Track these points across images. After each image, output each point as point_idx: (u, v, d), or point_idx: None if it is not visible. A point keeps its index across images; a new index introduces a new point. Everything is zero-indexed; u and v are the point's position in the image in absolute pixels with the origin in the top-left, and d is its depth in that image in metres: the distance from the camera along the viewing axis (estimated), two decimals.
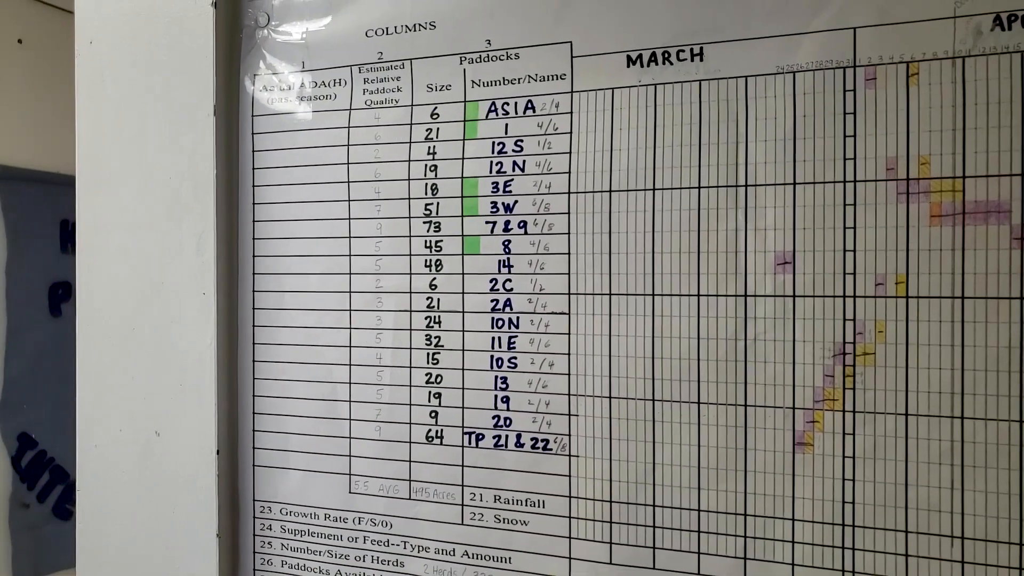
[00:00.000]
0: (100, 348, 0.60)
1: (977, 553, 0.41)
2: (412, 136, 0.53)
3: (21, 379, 1.73)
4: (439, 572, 0.52)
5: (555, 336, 0.50)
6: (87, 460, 0.60)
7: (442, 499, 0.52)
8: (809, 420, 0.44)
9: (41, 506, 1.78)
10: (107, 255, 0.60)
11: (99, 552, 0.60)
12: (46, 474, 1.79)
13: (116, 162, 0.60)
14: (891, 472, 0.43)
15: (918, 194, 0.42)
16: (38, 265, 1.77)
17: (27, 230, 1.75)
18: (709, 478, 0.46)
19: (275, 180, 0.57)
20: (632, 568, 0.48)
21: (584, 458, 0.49)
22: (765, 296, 0.45)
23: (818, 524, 0.44)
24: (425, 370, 0.53)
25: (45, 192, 1.77)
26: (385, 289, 0.54)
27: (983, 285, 0.41)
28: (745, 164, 0.45)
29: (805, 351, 0.44)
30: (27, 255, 1.74)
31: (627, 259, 0.48)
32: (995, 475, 0.41)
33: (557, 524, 0.49)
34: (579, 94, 0.49)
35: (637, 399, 0.48)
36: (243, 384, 0.57)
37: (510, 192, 0.50)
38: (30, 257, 1.75)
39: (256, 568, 0.57)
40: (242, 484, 0.57)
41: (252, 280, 0.57)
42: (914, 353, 0.42)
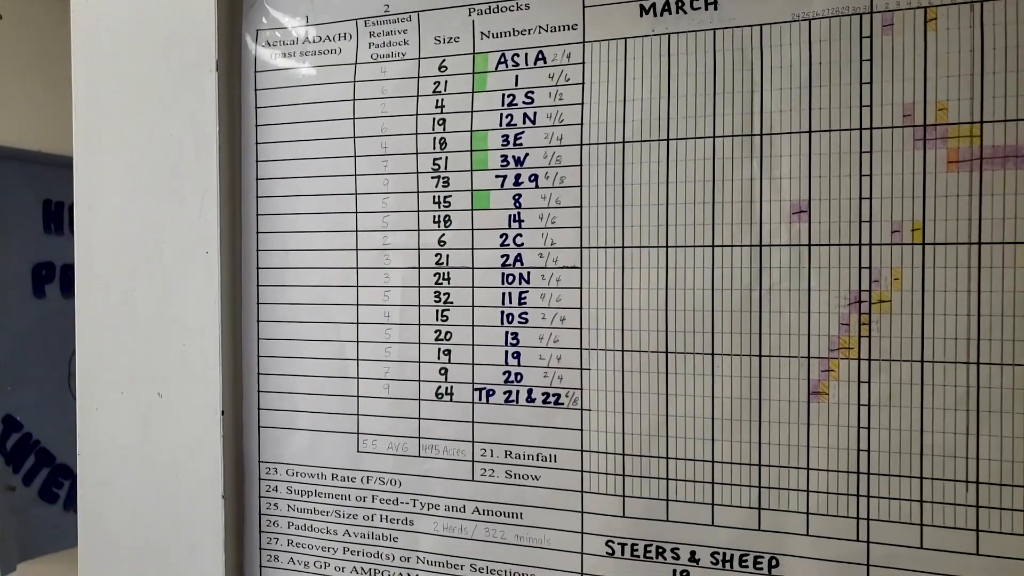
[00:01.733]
0: (100, 310, 0.59)
1: (992, 497, 0.41)
2: (420, 90, 0.52)
3: (5, 361, 1.71)
4: (449, 529, 0.52)
5: (566, 290, 0.49)
6: (88, 424, 0.59)
7: (452, 456, 0.52)
8: (824, 369, 0.44)
9: (27, 489, 1.76)
10: (106, 216, 0.59)
11: (102, 517, 0.59)
12: (31, 457, 1.78)
13: (115, 121, 0.59)
14: (906, 419, 0.43)
15: (935, 140, 0.42)
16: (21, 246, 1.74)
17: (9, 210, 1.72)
18: (723, 429, 0.46)
19: (279, 137, 0.56)
20: (645, 521, 0.47)
21: (596, 412, 0.49)
22: (780, 245, 0.45)
23: (833, 473, 0.44)
24: (434, 327, 0.52)
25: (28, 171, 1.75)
26: (393, 246, 0.53)
27: (1000, 231, 0.41)
28: (760, 113, 0.45)
29: (820, 300, 0.44)
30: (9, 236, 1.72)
31: (640, 211, 0.47)
32: (1011, 419, 0.41)
33: (569, 478, 0.49)
34: (591, 44, 0.48)
35: (650, 352, 0.47)
36: (247, 344, 0.57)
37: (520, 145, 0.50)
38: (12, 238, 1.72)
39: (262, 530, 0.57)
40: (247, 445, 0.57)
41: (256, 239, 0.56)
42: (930, 300, 0.42)
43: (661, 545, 0.47)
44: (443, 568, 0.52)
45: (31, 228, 1.78)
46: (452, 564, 0.52)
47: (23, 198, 1.75)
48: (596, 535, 0.49)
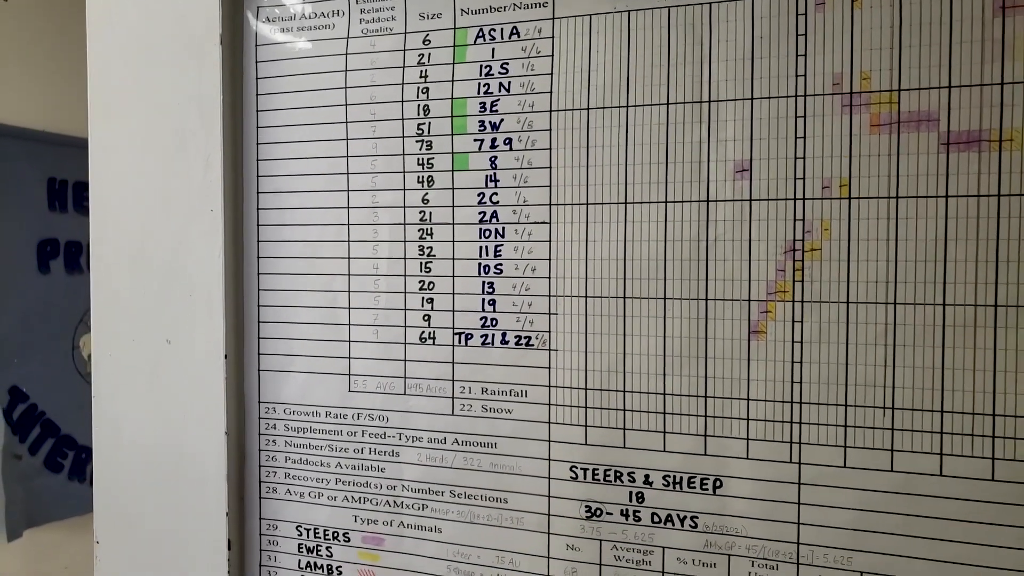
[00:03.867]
0: (113, 264, 0.64)
1: (905, 421, 0.47)
2: (405, 61, 0.57)
3: (11, 334, 1.76)
4: (431, 459, 0.57)
5: (537, 243, 0.55)
6: (103, 369, 0.65)
7: (434, 393, 0.57)
8: (763, 310, 0.50)
9: (33, 458, 1.82)
10: (118, 177, 0.64)
11: (116, 453, 0.64)
12: (37, 427, 1.83)
13: (127, 89, 0.64)
14: (834, 354, 0.48)
15: (860, 106, 0.48)
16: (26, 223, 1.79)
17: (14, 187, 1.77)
18: (673, 365, 0.51)
19: (277, 105, 0.61)
20: (605, 448, 0.53)
21: (562, 352, 0.54)
22: (725, 201, 0.50)
23: (769, 403, 0.50)
24: (418, 278, 0.58)
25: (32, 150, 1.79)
26: (381, 204, 0.58)
27: (915, 186, 0.47)
28: (709, 82, 0.50)
29: (760, 249, 0.50)
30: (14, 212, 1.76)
31: (602, 171, 0.53)
32: (922, 352, 0.47)
33: (538, 411, 0.55)
34: (559, 20, 0.53)
35: (610, 297, 0.53)
36: (248, 294, 0.62)
37: (496, 112, 0.55)
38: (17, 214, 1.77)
39: (262, 464, 0.62)
40: (248, 387, 0.62)
41: (256, 199, 0.62)
42: (855, 248, 0.48)
43: (619, 469, 0.53)
44: (425, 495, 0.58)
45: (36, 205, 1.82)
46: (433, 491, 0.58)
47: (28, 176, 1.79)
48: (561, 461, 0.54)
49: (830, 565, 0.49)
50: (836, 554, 0.49)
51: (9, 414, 1.76)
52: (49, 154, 1.82)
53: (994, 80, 0.45)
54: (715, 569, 0.51)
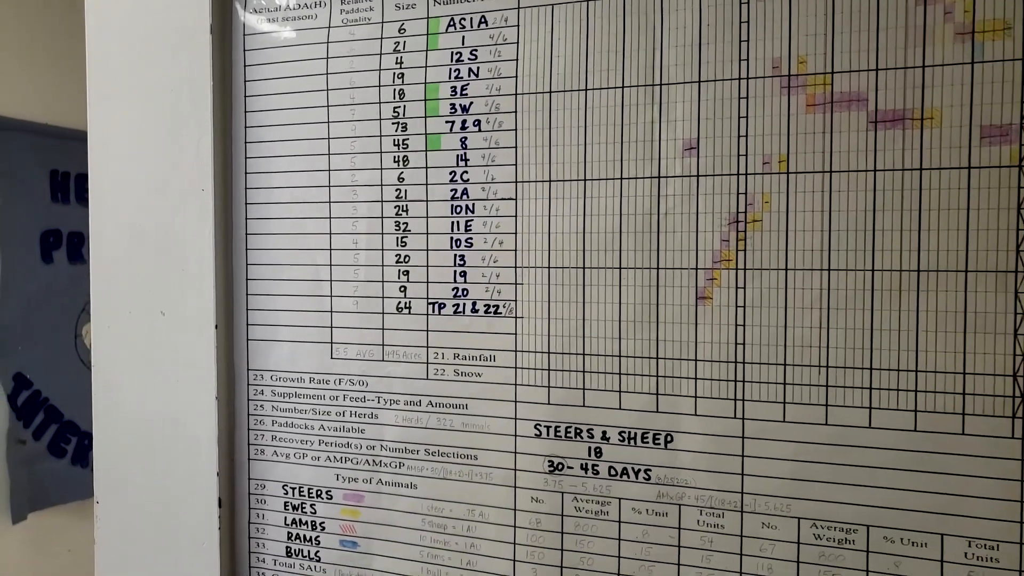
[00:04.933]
0: (111, 242, 0.68)
1: (839, 378, 0.51)
2: (383, 49, 0.61)
3: (15, 322, 1.81)
4: (407, 420, 0.62)
5: (504, 218, 0.59)
6: (101, 340, 0.69)
7: (410, 359, 0.62)
8: (709, 278, 0.54)
9: (37, 443, 1.87)
10: (116, 160, 0.68)
11: (114, 418, 0.68)
12: (41, 413, 1.88)
13: (123, 78, 0.68)
14: (774, 317, 0.52)
15: (797, 88, 0.51)
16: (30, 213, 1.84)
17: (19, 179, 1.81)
18: (628, 330, 0.56)
19: (264, 91, 0.65)
20: (566, 407, 0.57)
21: (527, 319, 0.58)
22: (674, 177, 0.54)
23: (716, 363, 0.54)
24: (395, 251, 0.62)
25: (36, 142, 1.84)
26: (360, 183, 0.62)
27: (846, 161, 0.51)
28: (660, 67, 0.54)
29: (706, 221, 0.54)
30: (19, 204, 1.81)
31: (564, 150, 0.57)
32: (854, 315, 0.51)
33: (505, 374, 0.59)
34: (524, 10, 0.57)
35: (571, 267, 0.57)
36: (237, 268, 0.66)
37: (466, 95, 0.59)
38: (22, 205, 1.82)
39: (250, 428, 0.67)
40: (237, 355, 0.66)
41: (245, 178, 0.66)
42: (792, 219, 0.52)
43: (579, 426, 0.57)
44: (402, 453, 0.62)
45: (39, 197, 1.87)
46: (409, 450, 0.62)
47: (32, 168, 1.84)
48: (527, 420, 0.58)
49: (771, 512, 0.53)
50: (776, 502, 0.53)
51: (13, 400, 1.81)
52: (52, 147, 1.86)
53: (916, 63, 0.49)
54: (667, 518, 0.55)
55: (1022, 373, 0.48)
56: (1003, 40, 0.47)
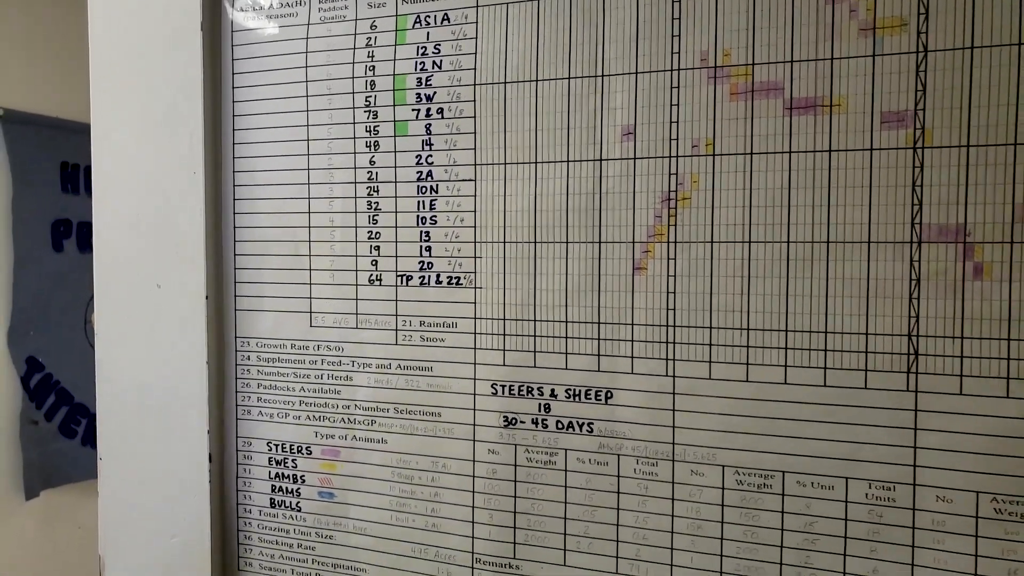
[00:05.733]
0: (113, 222, 0.75)
1: (758, 339, 0.57)
2: (356, 43, 0.67)
3: (28, 308, 1.89)
4: (379, 382, 0.68)
5: (464, 198, 0.65)
6: (104, 310, 0.75)
7: (381, 327, 0.68)
8: (644, 251, 0.60)
9: (48, 424, 1.95)
10: (118, 148, 0.75)
11: (115, 382, 0.75)
12: (52, 395, 1.96)
13: (123, 73, 0.74)
14: (701, 285, 0.58)
15: (722, 78, 0.57)
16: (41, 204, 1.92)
17: (30, 171, 1.89)
18: (573, 298, 0.61)
19: (250, 83, 0.71)
20: (519, 367, 0.63)
21: (485, 289, 0.64)
22: (614, 159, 0.60)
23: (650, 327, 0.60)
24: (367, 228, 0.68)
25: (47, 136, 1.91)
26: (336, 165, 0.68)
27: (765, 143, 0.56)
28: (602, 59, 0.60)
29: (641, 199, 0.59)
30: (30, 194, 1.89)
31: (517, 136, 0.63)
32: (772, 283, 0.56)
33: (466, 339, 0.65)
34: (482, 8, 0.63)
35: (523, 242, 0.63)
36: (226, 244, 0.72)
37: (431, 86, 0.65)
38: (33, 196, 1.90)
39: (238, 390, 0.73)
40: (226, 324, 0.73)
41: (233, 163, 0.72)
42: (718, 196, 0.58)
43: (530, 385, 0.63)
44: (374, 412, 0.68)
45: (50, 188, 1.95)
46: (380, 408, 0.68)
47: (43, 160, 1.92)
48: (484, 380, 0.64)
49: (699, 460, 0.59)
50: (704, 451, 0.59)
51: (26, 382, 1.89)
52: (62, 139, 1.94)
53: (826, 56, 0.55)
54: (607, 467, 0.61)
55: (915, 333, 0.53)
56: (900, 35, 0.53)
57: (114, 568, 0.76)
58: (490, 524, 0.64)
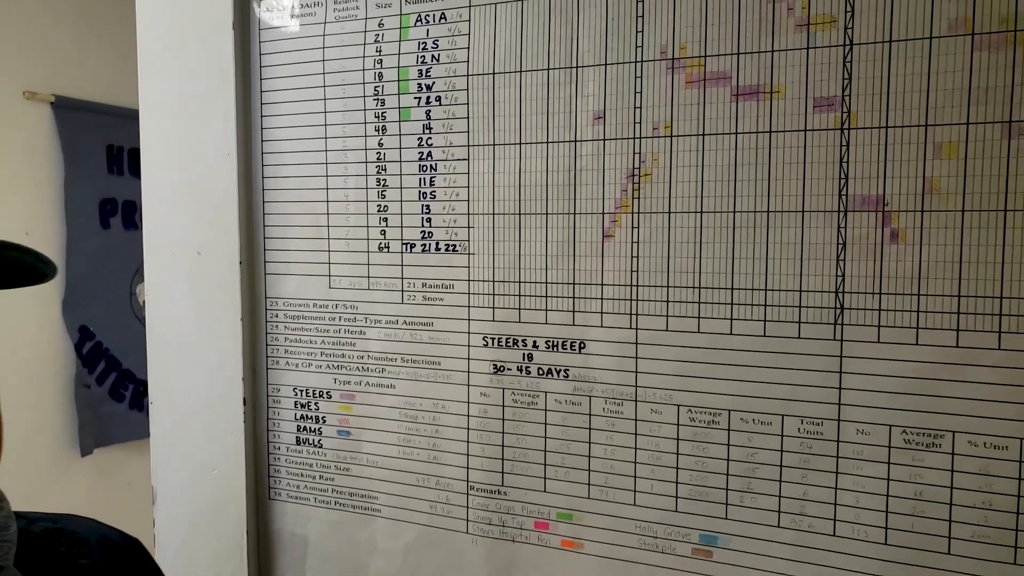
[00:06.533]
0: (159, 198, 0.86)
1: (708, 296, 0.66)
2: (366, 40, 0.77)
3: (79, 280, 2.03)
4: (388, 336, 0.78)
5: (459, 175, 0.74)
6: (152, 274, 0.87)
7: (389, 288, 0.78)
8: (612, 220, 0.69)
9: (100, 388, 2.10)
10: (161, 132, 0.85)
11: (162, 336, 0.87)
12: (103, 362, 2.11)
13: (166, 63, 0.85)
14: (660, 250, 0.67)
15: (679, 68, 0.66)
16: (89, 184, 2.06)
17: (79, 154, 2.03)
18: (552, 262, 0.71)
19: (275, 74, 0.81)
20: (506, 323, 0.73)
21: (477, 255, 0.74)
22: (587, 140, 0.69)
23: (617, 286, 0.69)
24: (376, 203, 0.78)
25: (93, 120, 2.04)
26: (349, 147, 0.78)
27: (715, 126, 0.65)
28: (576, 53, 0.69)
29: (609, 176, 0.68)
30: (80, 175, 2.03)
31: (504, 120, 0.72)
32: (719, 247, 0.65)
33: (461, 299, 0.75)
34: (475, 7, 0.72)
35: (510, 214, 0.72)
36: (256, 216, 0.83)
37: (430, 76, 0.74)
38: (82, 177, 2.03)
39: (268, 343, 0.84)
40: (257, 286, 0.84)
41: (261, 145, 0.82)
42: (676, 173, 0.66)
43: (515, 337, 0.73)
44: (384, 361, 0.79)
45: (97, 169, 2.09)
46: (388, 357, 0.78)
47: (90, 143, 2.05)
48: (477, 333, 0.74)
49: (658, 401, 0.68)
50: (662, 393, 0.68)
51: (79, 349, 2.04)
52: (108, 124, 2.07)
53: (767, 48, 0.63)
54: (580, 407, 0.71)
55: (842, 290, 0.62)
56: (830, 30, 0.61)
57: (164, 498, 0.89)
58: (482, 456, 0.75)
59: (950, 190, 0.58)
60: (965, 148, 0.58)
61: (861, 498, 0.62)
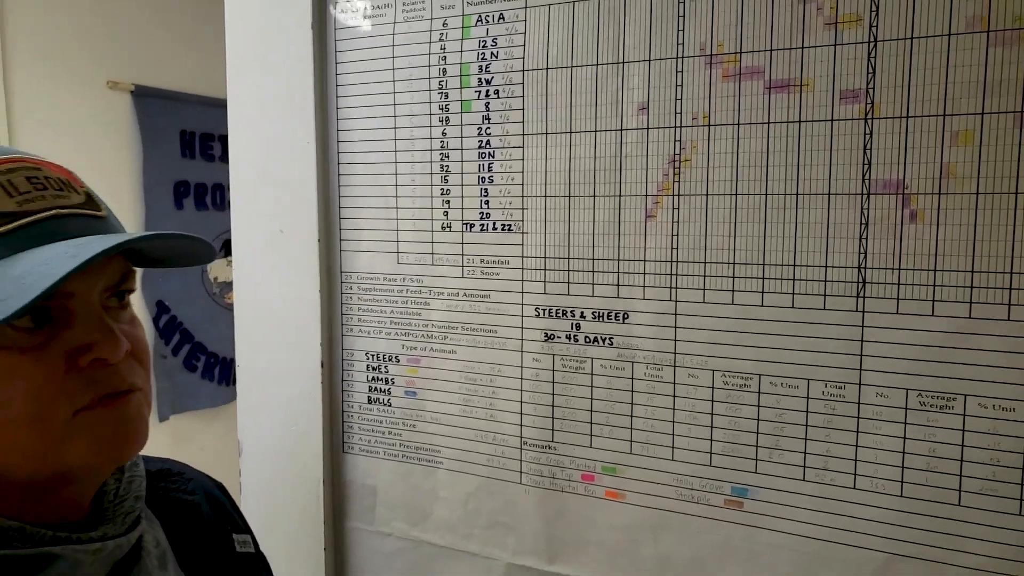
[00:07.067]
0: (246, 180, 0.96)
1: (741, 271, 0.72)
2: (431, 38, 0.85)
3: None
4: (450, 307, 0.87)
5: (515, 161, 0.82)
6: (239, 249, 0.97)
7: (452, 263, 0.86)
8: (654, 202, 0.76)
9: (175, 359, 2.26)
10: (247, 121, 0.95)
11: (250, 306, 0.97)
12: (177, 334, 2.26)
13: (251, 60, 0.94)
14: (698, 228, 0.74)
15: (716, 64, 0.72)
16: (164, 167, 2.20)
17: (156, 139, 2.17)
18: (599, 240, 0.78)
19: (349, 70, 0.90)
20: (556, 295, 0.81)
21: (531, 234, 0.82)
22: (632, 129, 0.76)
23: (658, 262, 0.76)
24: (440, 187, 0.86)
25: (169, 107, 2.18)
26: (415, 136, 0.87)
27: (749, 116, 0.71)
28: (623, 49, 0.76)
29: (652, 161, 0.75)
30: (156, 158, 2.17)
31: (556, 111, 0.79)
32: (752, 226, 0.72)
33: (515, 273, 0.83)
34: (530, 8, 0.80)
35: (560, 196, 0.80)
36: (333, 198, 0.92)
37: (489, 72, 0.82)
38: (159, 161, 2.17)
39: (343, 313, 0.94)
40: (333, 261, 0.93)
41: (337, 134, 0.91)
42: (713, 159, 0.73)
43: (565, 308, 0.81)
44: (446, 330, 0.87)
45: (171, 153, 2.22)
46: (450, 326, 0.87)
47: (165, 129, 2.19)
48: (529, 305, 0.82)
49: (694, 366, 0.75)
50: (698, 359, 0.75)
51: (156, 322, 2.20)
52: (182, 110, 2.20)
53: (797, 45, 0.69)
54: (623, 371, 0.78)
55: (864, 266, 0.68)
56: (856, 28, 0.67)
57: (249, 451, 0.99)
58: (534, 415, 0.83)
59: (965, 174, 0.64)
60: (980, 136, 0.63)
61: (879, 455, 0.68)
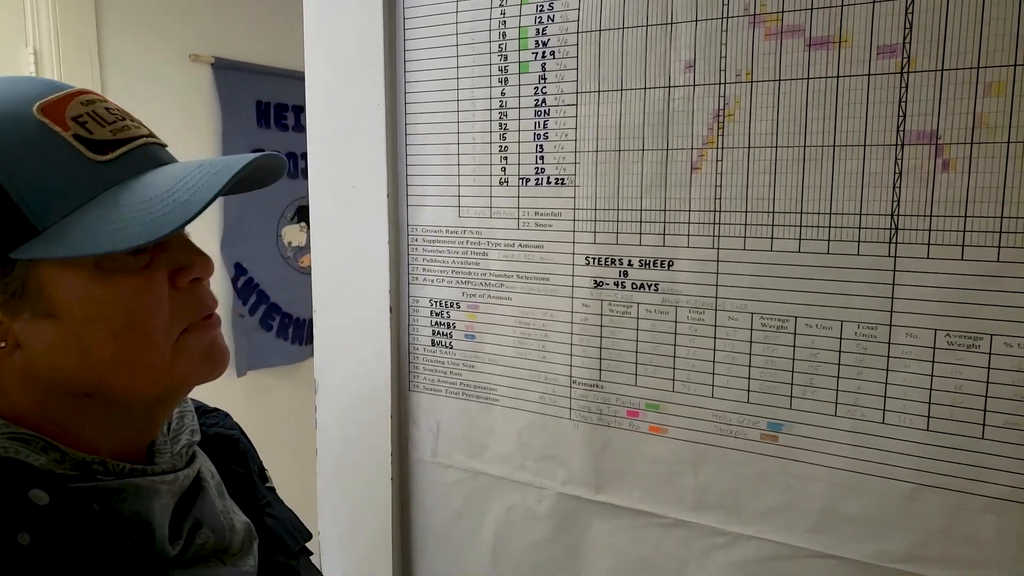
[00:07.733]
0: (322, 142, 1.04)
1: (780, 219, 0.77)
2: (492, 4, 0.91)
3: (234, 222, 2.32)
4: (506, 257, 0.94)
5: (568, 118, 0.88)
6: (317, 208, 1.06)
7: (508, 216, 0.93)
8: (700, 155, 0.80)
9: (251, 318, 2.40)
10: (323, 89, 1.03)
11: (325, 255, 1.06)
12: (254, 295, 2.41)
13: (327, 33, 1.02)
14: (740, 179, 0.79)
15: (759, 23, 0.76)
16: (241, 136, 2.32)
17: (234, 109, 2.29)
18: (647, 191, 0.84)
19: (416, 35, 0.97)
20: (605, 244, 0.87)
21: (582, 187, 0.88)
22: (679, 86, 0.81)
23: (702, 212, 0.81)
24: (498, 143, 0.93)
25: (245, 79, 2.30)
26: (476, 97, 0.93)
27: (790, 72, 0.75)
28: (672, 11, 0.80)
29: (698, 116, 0.80)
30: (234, 127, 2.30)
31: (609, 69, 0.84)
32: (792, 177, 0.76)
33: (567, 224, 0.89)
34: None
35: (611, 151, 0.85)
36: (400, 156, 1.00)
37: (546, 34, 0.88)
38: (236, 129, 2.30)
39: (409, 263, 1.02)
40: (400, 215, 1.01)
41: (405, 96, 0.99)
42: (755, 114, 0.77)
43: (613, 257, 0.87)
44: (503, 278, 0.94)
45: (248, 123, 2.35)
46: (507, 275, 0.94)
47: (242, 99, 2.31)
48: (580, 254, 0.89)
49: (734, 310, 0.80)
50: (738, 303, 0.80)
51: (235, 283, 2.34)
52: (257, 82, 2.32)
53: (836, 4, 0.72)
54: (667, 315, 0.84)
55: (897, 213, 0.72)
56: None
57: (324, 387, 1.09)
58: (583, 356, 0.90)
59: (997, 124, 0.67)
60: (1012, 87, 0.66)
61: (908, 391, 0.73)
